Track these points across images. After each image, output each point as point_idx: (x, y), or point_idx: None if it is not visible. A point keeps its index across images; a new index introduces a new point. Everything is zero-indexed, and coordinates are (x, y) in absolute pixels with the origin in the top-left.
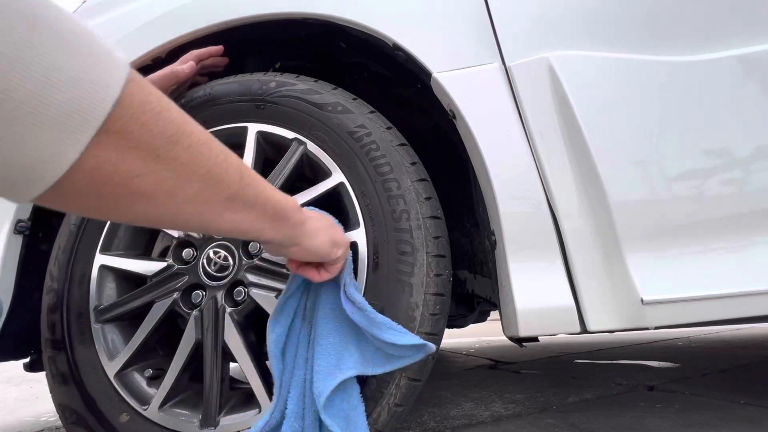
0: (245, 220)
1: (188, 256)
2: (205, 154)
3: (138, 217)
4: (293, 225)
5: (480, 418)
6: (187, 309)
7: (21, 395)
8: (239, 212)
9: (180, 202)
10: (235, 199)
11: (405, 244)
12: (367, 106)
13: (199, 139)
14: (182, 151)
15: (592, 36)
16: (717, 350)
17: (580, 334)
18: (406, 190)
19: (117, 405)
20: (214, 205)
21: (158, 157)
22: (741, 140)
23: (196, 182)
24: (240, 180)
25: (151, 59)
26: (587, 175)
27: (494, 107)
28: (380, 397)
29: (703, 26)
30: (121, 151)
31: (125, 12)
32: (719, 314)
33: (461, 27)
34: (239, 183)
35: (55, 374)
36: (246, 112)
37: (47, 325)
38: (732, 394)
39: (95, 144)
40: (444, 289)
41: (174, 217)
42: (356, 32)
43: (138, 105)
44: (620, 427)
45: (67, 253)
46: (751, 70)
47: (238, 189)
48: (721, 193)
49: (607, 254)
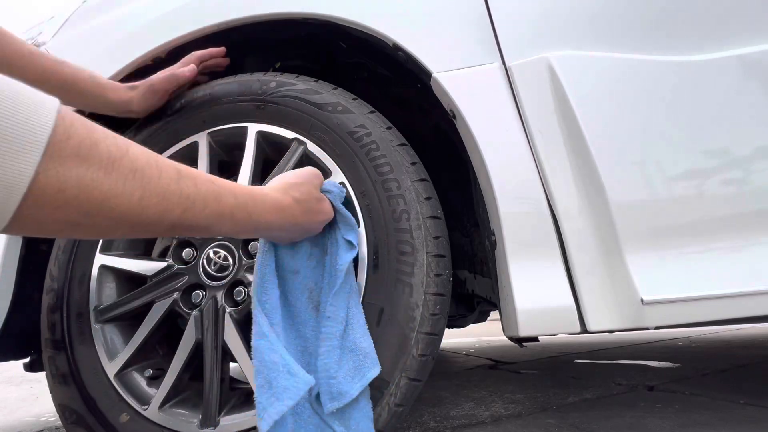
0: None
1: (188, 256)
2: (131, 212)
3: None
4: (256, 235)
5: (480, 418)
6: (187, 309)
7: (21, 395)
8: (190, 233)
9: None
10: (175, 228)
11: (405, 244)
12: (367, 106)
13: (123, 209)
14: (103, 219)
15: (592, 36)
16: (717, 350)
17: (580, 334)
18: (406, 190)
19: (117, 405)
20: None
21: (77, 225)
22: (741, 140)
23: (123, 228)
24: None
25: (151, 59)
26: (587, 175)
27: (494, 107)
28: (380, 397)
29: (703, 26)
30: (39, 224)
31: (125, 12)
32: (719, 314)
33: (461, 27)
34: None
35: (55, 374)
36: (246, 112)
37: (47, 325)
38: (732, 394)
39: (14, 220)
40: (444, 289)
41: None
42: (356, 32)
43: (51, 194)
44: (620, 427)
45: (67, 253)
46: (751, 70)
47: (177, 219)
48: (721, 193)
49: (607, 254)
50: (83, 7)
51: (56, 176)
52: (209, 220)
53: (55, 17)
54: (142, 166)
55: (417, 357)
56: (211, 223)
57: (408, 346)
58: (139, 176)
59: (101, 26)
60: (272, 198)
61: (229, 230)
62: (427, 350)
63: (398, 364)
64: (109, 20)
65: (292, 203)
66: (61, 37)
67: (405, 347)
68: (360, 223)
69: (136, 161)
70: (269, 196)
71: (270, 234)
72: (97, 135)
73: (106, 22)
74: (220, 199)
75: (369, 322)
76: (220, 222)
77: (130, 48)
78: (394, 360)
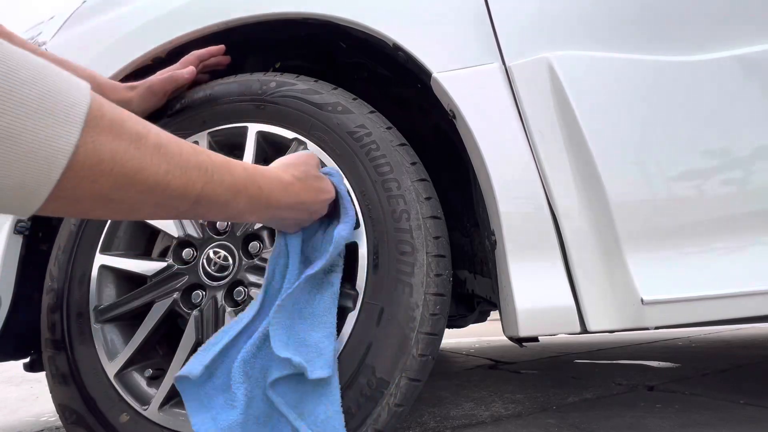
0: (214, 216)
1: (188, 256)
2: (153, 194)
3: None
4: (268, 218)
5: (480, 418)
6: (187, 309)
7: (21, 395)
8: (209, 210)
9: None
10: (199, 203)
11: (405, 244)
12: (367, 106)
13: (148, 185)
14: (134, 194)
15: (592, 36)
16: (717, 350)
17: (580, 334)
18: (406, 190)
19: (117, 405)
20: (179, 214)
21: (110, 201)
22: (741, 140)
23: (148, 208)
24: (196, 199)
25: (151, 59)
26: (587, 174)
27: (494, 107)
28: (380, 397)
29: (703, 26)
30: (71, 203)
31: (125, 12)
32: (719, 314)
33: (461, 27)
34: (195, 201)
35: (55, 374)
36: (246, 112)
37: (47, 325)
38: (732, 394)
39: (51, 199)
40: (444, 289)
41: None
42: (356, 32)
43: (90, 167)
44: (620, 427)
45: (67, 253)
46: (751, 70)
47: (189, 208)
48: (722, 193)
49: (607, 254)
50: (83, 7)
51: (93, 149)
52: (227, 194)
53: (55, 17)
54: (166, 143)
55: (417, 357)
56: (229, 198)
57: (408, 346)
58: (164, 151)
59: (101, 26)
60: (275, 173)
61: (245, 206)
62: (427, 350)
63: (398, 364)
64: (109, 20)
65: (293, 180)
66: (61, 37)
67: (405, 347)
68: (360, 223)
69: (160, 138)
70: (272, 171)
71: (281, 215)
72: (124, 114)
73: (106, 22)
74: (233, 172)
75: (369, 322)
76: (237, 197)
77: (130, 48)
78: (394, 360)
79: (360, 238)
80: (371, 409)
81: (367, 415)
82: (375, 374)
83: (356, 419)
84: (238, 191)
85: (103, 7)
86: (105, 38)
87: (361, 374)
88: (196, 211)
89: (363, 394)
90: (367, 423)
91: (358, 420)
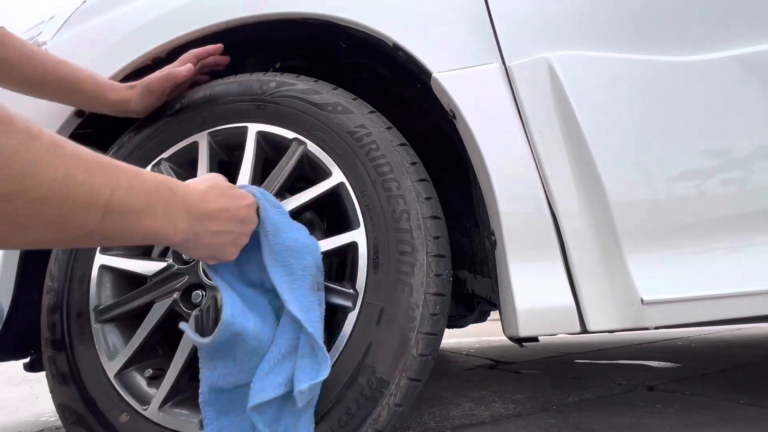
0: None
1: (188, 256)
2: (48, 206)
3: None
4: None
5: (480, 418)
6: (187, 309)
7: (21, 395)
8: (123, 223)
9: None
10: (92, 235)
11: (405, 244)
12: (367, 106)
13: (41, 193)
14: (23, 206)
15: (592, 36)
16: (717, 350)
17: (580, 334)
18: (406, 190)
19: (117, 405)
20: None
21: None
22: (741, 140)
23: (37, 229)
24: (101, 218)
25: (151, 59)
26: (587, 174)
27: (494, 107)
28: (380, 397)
29: (703, 26)
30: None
31: (125, 12)
32: (719, 314)
33: (461, 27)
34: (100, 221)
35: (55, 374)
36: (246, 112)
37: (47, 325)
38: (732, 394)
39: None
40: (444, 289)
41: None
42: (356, 32)
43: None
44: (620, 427)
45: (67, 253)
46: (751, 70)
47: (96, 227)
48: (721, 193)
49: (607, 254)
50: (83, 7)
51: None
52: (140, 200)
53: (55, 17)
54: (61, 143)
55: (417, 357)
56: (143, 205)
57: (408, 346)
58: (60, 151)
59: (101, 26)
60: (186, 183)
61: (163, 213)
62: (427, 350)
63: (398, 364)
64: (109, 20)
65: (206, 188)
66: (61, 37)
67: (405, 347)
68: (360, 223)
69: (55, 137)
70: (180, 182)
71: (209, 227)
72: (11, 111)
73: (106, 22)
74: (140, 176)
75: (369, 322)
76: (151, 202)
77: (130, 48)
78: (394, 360)
79: (360, 238)
80: (371, 409)
81: (367, 415)
82: (375, 374)
83: (356, 419)
84: (150, 196)
85: (103, 7)
86: (105, 38)
87: (361, 374)
88: (105, 225)
89: (363, 394)
90: (367, 423)
91: (358, 420)
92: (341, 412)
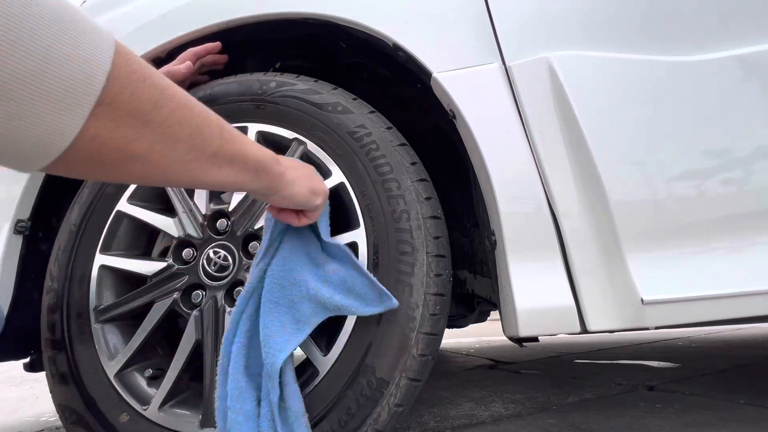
0: (229, 174)
1: (188, 256)
2: (187, 115)
3: (134, 178)
4: (273, 176)
5: (480, 418)
6: (187, 309)
7: (21, 395)
8: (223, 167)
9: (171, 162)
10: (218, 155)
11: (405, 244)
12: (367, 106)
13: (180, 101)
14: (168, 114)
15: (592, 36)
16: (717, 350)
17: (580, 334)
18: (406, 190)
19: (117, 405)
20: (201, 163)
21: (148, 122)
22: (741, 140)
23: (183, 142)
24: (221, 136)
25: (151, 59)
26: (587, 175)
27: (494, 107)
28: (380, 397)
29: (703, 26)
30: (115, 120)
31: (125, 12)
32: (719, 314)
33: (461, 27)
34: (220, 139)
35: (55, 374)
36: (246, 112)
37: (47, 325)
38: (732, 394)
39: (93, 115)
40: (444, 289)
41: (167, 176)
42: (356, 32)
43: (126, 75)
44: (620, 427)
45: (67, 253)
46: (751, 70)
47: (219, 145)
48: (721, 193)
49: (607, 254)
50: (83, 7)
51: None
52: (237, 143)
53: None
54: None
55: (417, 357)
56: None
57: (408, 346)
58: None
59: None
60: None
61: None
62: (427, 350)
63: (398, 364)
64: (109, 20)
65: (277, 156)
66: None
67: (405, 347)
68: (360, 223)
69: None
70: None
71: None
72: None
73: (105, 22)
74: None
75: (369, 322)
76: (244, 143)
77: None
78: (394, 360)
79: (360, 238)
80: (371, 409)
81: (367, 415)
82: (375, 374)
83: (356, 419)
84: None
85: (103, 7)
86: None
87: (361, 374)
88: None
89: (363, 394)
90: (367, 423)
91: (358, 420)
92: (341, 412)
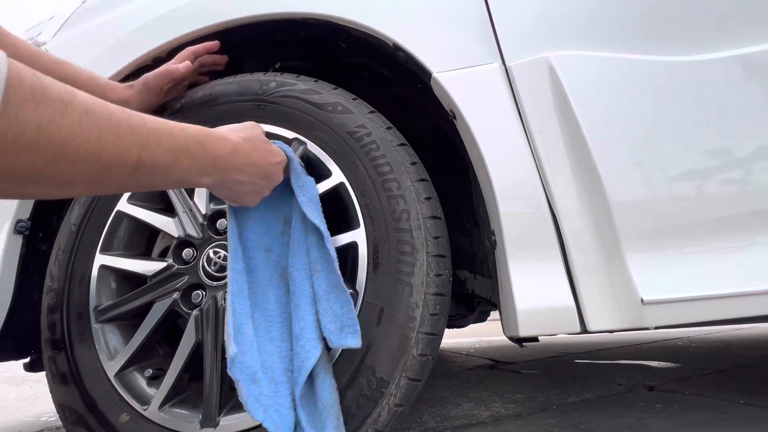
0: (161, 183)
1: (188, 256)
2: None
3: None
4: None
5: (480, 418)
6: (187, 309)
7: (21, 395)
8: (152, 177)
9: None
10: (138, 170)
11: (405, 244)
12: (367, 106)
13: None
14: (66, 166)
15: (592, 36)
16: (717, 350)
17: (580, 334)
18: (406, 190)
19: (117, 405)
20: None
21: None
22: (741, 140)
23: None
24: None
25: (151, 59)
26: (587, 175)
27: (494, 107)
28: (380, 397)
29: (703, 26)
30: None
31: (125, 12)
32: (719, 314)
33: (461, 27)
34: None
35: (55, 374)
36: (246, 112)
37: (47, 325)
38: (732, 394)
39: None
40: (444, 289)
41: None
42: (356, 32)
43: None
44: (620, 427)
45: (67, 253)
46: (751, 70)
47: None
48: (721, 193)
49: (607, 254)
50: (83, 7)
51: (16, 120)
52: (167, 157)
53: (55, 17)
54: (93, 107)
55: (417, 357)
56: (170, 161)
57: (408, 346)
58: (92, 116)
59: (101, 26)
60: (219, 134)
61: (189, 167)
62: (427, 350)
63: (398, 364)
64: (109, 20)
65: (240, 141)
66: (61, 37)
67: (405, 347)
68: (360, 223)
69: (86, 102)
70: (216, 132)
71: (234, 177)
72: (46, 80)
73: (105, 22)
74: (172, 133)
75: (369, 322)
76: (179, 158)
77: (130, 48)
78: (394, 360)
79: (360, 238)
80: (371, 409)
81: (367, 415)
82: (375, 374)
83: (356, 419)
84: (178, 153)
85: (103, 7)
86: (105, 38)
87: (361, 374)
88: (138, 180)
89: (363, 394)
90: (367, 423)
91: (358, 420)
92: (341, 412)
